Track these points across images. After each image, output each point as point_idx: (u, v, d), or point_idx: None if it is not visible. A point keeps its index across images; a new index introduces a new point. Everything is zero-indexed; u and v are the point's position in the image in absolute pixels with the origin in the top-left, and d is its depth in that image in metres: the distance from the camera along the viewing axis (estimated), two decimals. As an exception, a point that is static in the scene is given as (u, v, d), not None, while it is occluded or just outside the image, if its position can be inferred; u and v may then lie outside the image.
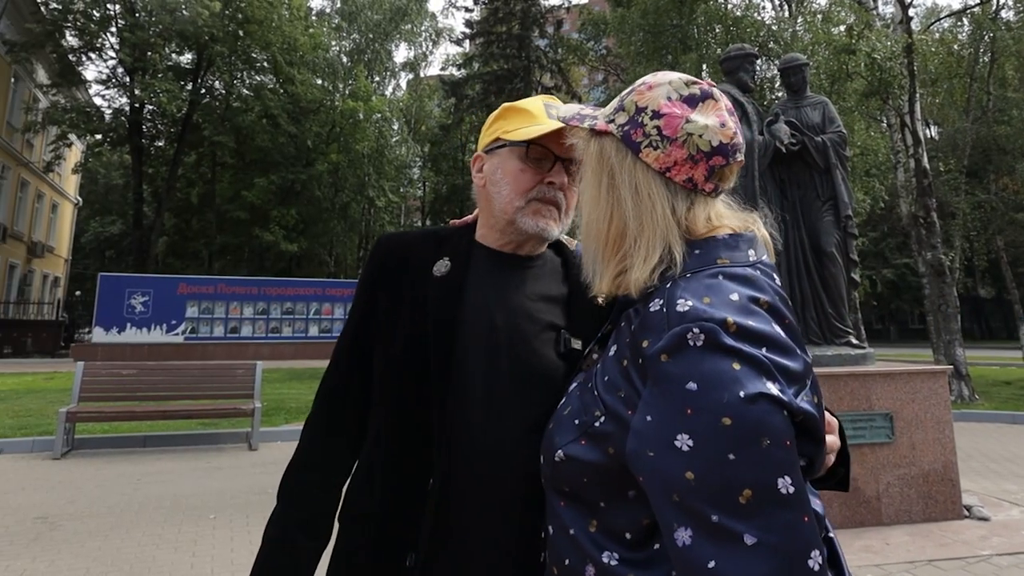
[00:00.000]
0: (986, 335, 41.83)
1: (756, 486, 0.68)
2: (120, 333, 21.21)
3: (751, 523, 0.67)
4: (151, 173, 27.30)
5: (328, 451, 1.21)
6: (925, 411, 4.96)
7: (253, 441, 7.91)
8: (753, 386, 0.70)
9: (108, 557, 4.20)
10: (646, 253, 0.86)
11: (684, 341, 0.74)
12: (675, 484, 0.71)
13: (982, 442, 8.33)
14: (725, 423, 0.69)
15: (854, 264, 5.65)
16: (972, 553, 4.25)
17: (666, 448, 0.72)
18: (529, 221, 1.16)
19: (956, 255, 12.98)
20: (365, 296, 1.24)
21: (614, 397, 0.82)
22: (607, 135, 0.93)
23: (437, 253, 1.22)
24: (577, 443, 0.85)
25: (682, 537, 0.70)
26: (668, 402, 0.73)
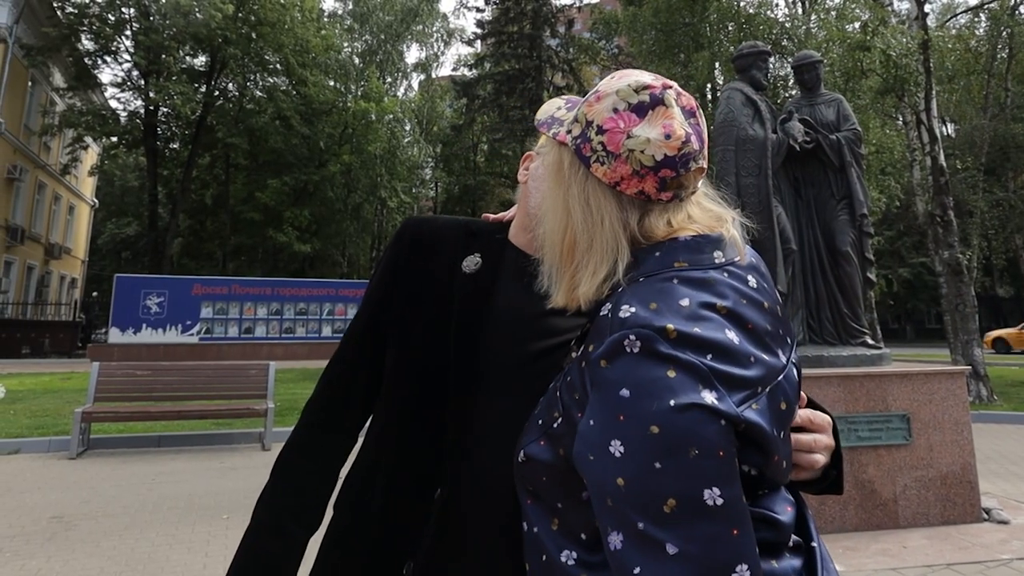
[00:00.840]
0: (1005, 335, 41.27)
1: (681, 496, 0.68)
2: (136, 334, 21.40)
3: (673, 533, 0.67)
4: (166, 175, 27.58)
5: (327, 440, 1.16)
6: (943, 412, 4.89)
7: (266, 441, 7.95)
8: (686, 395, 0.69)
9: (122, 557, 4.23)
10: (594, 267, 0.85)
11: (621, 347, 0.73)
12: (608, 489, 0.71)
13: (1001, 444, 8.22)
14: (653, 431, 0.68)
15: (870, 263, 5.59)
16: (991, 557, 4.18)
17: (602, 453, 0.71)
18: None
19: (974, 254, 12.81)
20: (386, 280, 1.17)
21: (571, 398, 0.81)
22: (564, 146, 0.93)
23: (468, 247, 1.17)
24: (537, 443, 0.85)
25: (614, 541, 0.70)
26: (604, 407, 0.73)
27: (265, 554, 1.10)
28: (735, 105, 5.39)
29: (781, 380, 0.79)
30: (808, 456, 0.90)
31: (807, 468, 0.90)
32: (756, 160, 5.30)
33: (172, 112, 25.43)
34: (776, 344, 0.81)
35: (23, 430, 8.09)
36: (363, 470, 1.12)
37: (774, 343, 0.80)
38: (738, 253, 0.87)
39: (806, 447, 0.91)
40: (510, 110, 27.28)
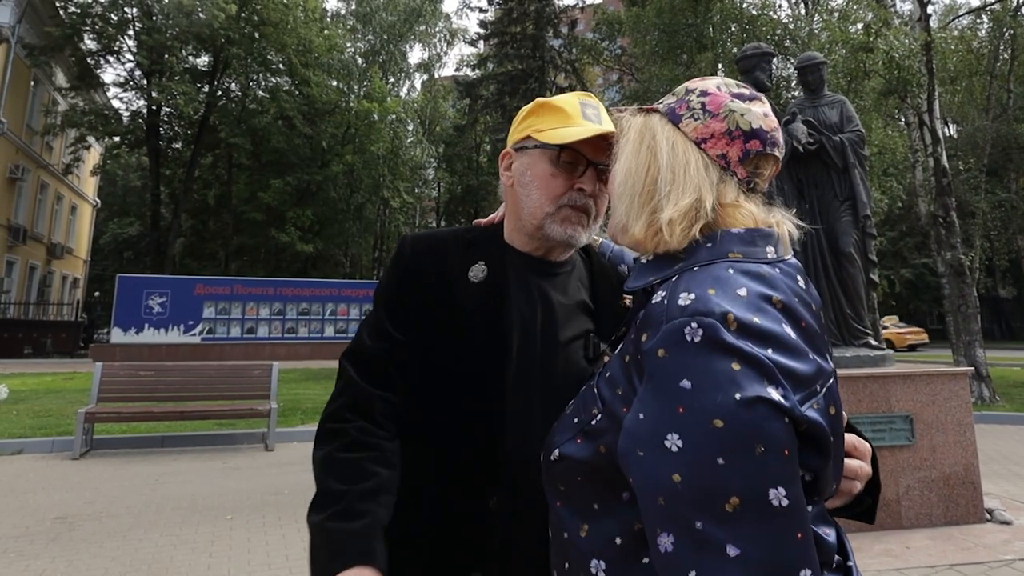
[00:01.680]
0: (1007, 336, 41.20)
1: (745, 494, 0.64)
2: (138, 334, 21.44)
3: (735, 533, 0.64)
4: (168, 175, 27.61)
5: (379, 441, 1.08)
6: (946, 413, 4.89)
7: (269, 441, 7.96)
8: (752, 389, 0.66)
9: (126, 557, 4.23)
10: (677, 197, 0.84)
11: (681, 336, 0.70)
12: (661, 486, 0.67)
13: (1003, 444, 8.21)
14: (717, 425, 0.65)
15: (873, 264, 5.59)
16: (995, 558, 4.18)
17: (656, 448, 0.68)
18: (557, 228, 1.12)
19: (976, 255, 12.80)
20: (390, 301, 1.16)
21: (612, 394, 0.79)
22: (652, 112, 0.93)
23: (469, 257, 1.17)
24: (573, 441, 0.82)
25: (664, 543, 0.67)
26: (661, 399, 0.70)
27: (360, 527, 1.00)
28: (739, 106, 5.39)
29: (832, 383, 0.76)
30: (849, 482, 0.87)
31: (844, 494, 0.88)
32: (760, 161, 5.30)
33: (175, 112, 25.49)
34: (824, 347, 0.79)
35: (26, 430, 8.10)
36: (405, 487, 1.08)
37: (823, 346, 0.78)
38: (788, 251, 0.86)
39: (851, 473, 0.88)
40: (513, 110, 27.17)
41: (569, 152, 1.11)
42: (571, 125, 1.11)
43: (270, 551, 4.39)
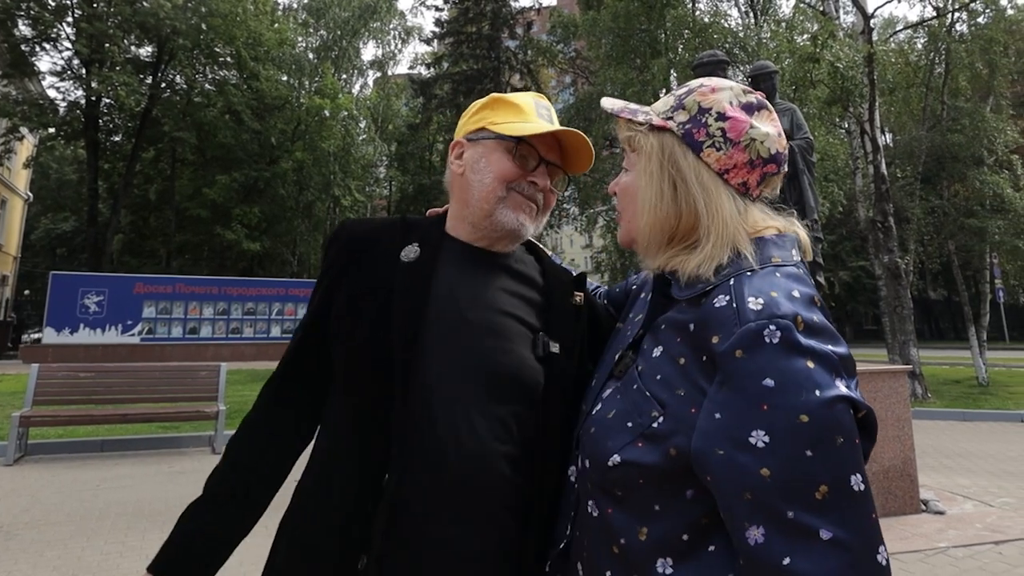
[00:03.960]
0: (936, 335, 43.37)
1: (832, 483, 0.69)
2: (73, 334, 20.61)
3: (827, 518, 0.68)
4: (107, 169, 26.56)
5: (278, 415, 1.17)
6: (886, 409, 5.10)
7: (216, 444, 7.74)
8: (828, 386, 0.72)
9: (69, 567, 4.07)
10: (714, 247, 0.86)
11: (760, 337, 0.74)
12: (748, 481, 0.71)
13: (935, 439, 8.60)
14: (803, 420, 0.70)
15: (819, 267, 5.79)
16: (930, 546, 4.40)
17: (738, 445, 0.72)
18: (509, 214, 1.13)
19: (910, 259, 13.39)
20: (326, 280, 1.17)
21: (672, 396, 0.81)
22: (666, 131, 0.93)
23: (405, 238, 1.16)
24: (633, 446, 0.82)
25: (754, 536, 0.70)
26: (742, 399, 0.73)
27: (193, 531, 1.09)
28: (694, 111, 5.52)
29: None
30: None
31: None
32: (714, 167, 5.44)
33: (115, 104, 24.50)
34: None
35: (-46, 435, 7.70)
36: (320, 465, 1.11)
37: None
38: (809, 254, 0.91)
39: None
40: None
41: (525, 146, 1.13)
42: (526, 121, 1.14)
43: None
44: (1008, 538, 4.59)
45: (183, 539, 1.09)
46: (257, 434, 1.17)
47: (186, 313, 22.35)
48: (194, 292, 22.70)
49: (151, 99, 25.04)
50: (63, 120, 24.45)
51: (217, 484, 1.13)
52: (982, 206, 13.24)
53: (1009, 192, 12.86)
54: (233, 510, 1.12)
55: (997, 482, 6.26)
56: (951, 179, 13.81)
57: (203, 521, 1.10)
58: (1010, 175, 13.48)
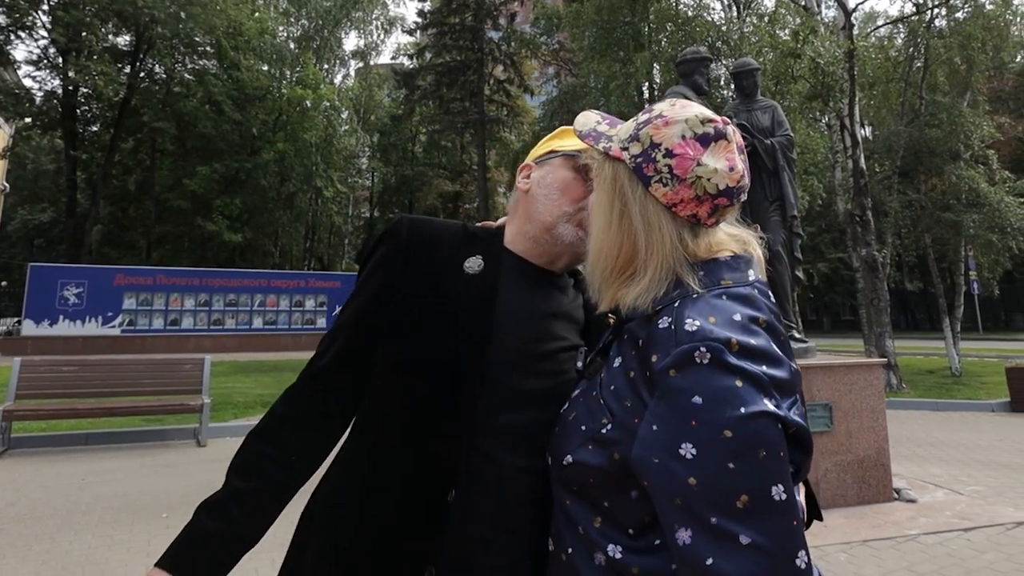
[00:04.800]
0: (911, 326, 44.18)
1: (752, 493, 0.75)
2: (52, 326, 20.42)
3: (747, 525, 0.74)
4: (85, 159, 26.15)
5: (299, 435, 1.10)
6: (861, 401, 5.23)
7: (201, 437, 7.75)
8: (753, 403, 0.77)
9: (57, 560, 4.07)
10: (651, 280, 0.91)
11: (691, 358, 0.79)
12: (678, 488, 0.77)
13: (909, 428, 8.79)
14: (727, 435, 0.76)
15: (798, 262, 5.88)
16: (901, 533, 4.54)
17: (670, 456, 0.78)
18: (571, 230, 1.14)
19: (888, 251, 13.61)
20: (381, 275, 1.13)
21: (621, 406, 0.87)
22: (620, 162, 0.97)
23: (468, 249, 1.16)
24: (584, 448, 0.89)
25: (683, 537, 0.77)
26: (674, 414, 0.79)
27: (204, 530, 1.04)
28: (677, 109, 5.58)
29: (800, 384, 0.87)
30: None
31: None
32: (696, 163, 5.51)
33: (93, 93, 24.12)
34: (791, 352, 0.89)
35: (-65, 430, 7.62)
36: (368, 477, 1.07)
37: (791, 351, 0.89)
38: (763, 272, 0.97)
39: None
40: (450, 102, 27.12)
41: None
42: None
43: (211, 549, 4.30)
44: (976, 525, 4.74)
45: (199, 535, 1.04)
46: (289, 429, 1.11)
47: (167, 304, 22.19)
48: (175, 283, 22.54)
49: (130, 88, 24.69)
50: (40, 110, 24.04)
51: (242, 480, 1.07)
52: (958, 200, 13.44)
53: (984, 187, 13.09)
54: (256, 508, 1.07)
55: (967, 471, 6.44)
56: (928, 173, 14.01)
57: (224, 516, 1.05)
58: (985, 170, 13.72)
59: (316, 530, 1.10)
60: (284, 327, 24.16)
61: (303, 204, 31.52)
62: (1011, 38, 16.22)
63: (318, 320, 24.87)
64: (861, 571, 3.91)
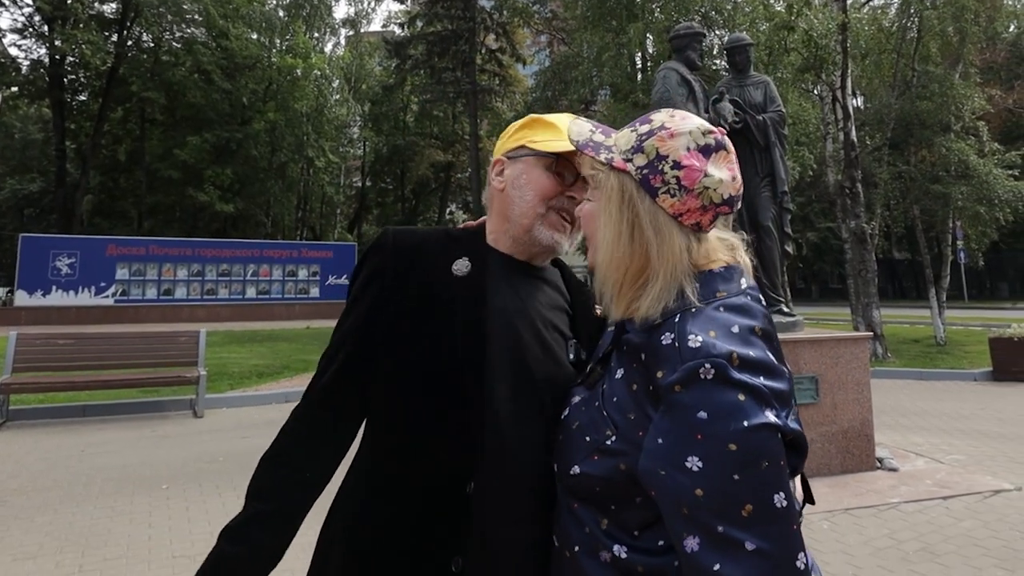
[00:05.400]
0: (898, 294, 44.68)
1: (756, 502, 0.80)
2: (45, 296, 20.43)
3: (751, 532, 0.79)
4: (74, 129, 25.90)
5: (310, 454, 1.14)
6: (847, 374, 5.34)
7: (198, 408, 7.85)
8: (756, 416, 0.81)
9: (61, 532, 4.13)
10: (661, 289, 0.94)
11: (696, 375, 0.83)
12: (685, 499, 0.82)
13: (893, 398, 8.92)
14: (732, 448, 0.80)
15: (788, 237, 5.93)
16: (883, 501, 4.68)
17: (677, 468, 0.82)
18: (545, 232, 1.18)
19: (876, 223, 13.70)
20: (372, 293, 1.16)
21: (624, 419, 0.91)
22: (625, 173, 0.99)
23: (452, 252, 1.20)
24: (590, 459, 0.93)
25: (690, 544, 0.81)
26: (680, 428, 0.83)
27: (229, 555, 1.07)
28: (671, 85, 5.57)
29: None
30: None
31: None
32: (688, 140, 5.52)
33: (80, 62, 23.75)
34: (783, 357, 0.93)
35: (-68, 403, 7.68)
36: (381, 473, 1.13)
37: (783, 356, 0.93)
38: (751, 277, 1.00)
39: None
40: (442, 71, 26.79)
41: (562, 162, 1.18)
42: (562, 139, 1.16)
43: (211, 520, 4.38)
44: (955, 493, 4.88)
45: (225, 561, 1.07)
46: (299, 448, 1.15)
47: (160, 275, 22.21)
48: (167, 253, 22.53)
49: (117, 58, 24.33)
50: (26, 79, 23.74)
51: (260, 502, 1.11)
52: (947, 172, 13.49)
53: (974, 159, 13.12)
54: (275, 528, 1.10)
55: (948, 440, 6.59)
56: (918, 145, 14.01)
57: (247, 539, 1.08)
58: (975, 142, 13.75)
59: (339, 541, 1.13)
60: (277, 296, 24.24)
61: (294, 174, 31.32)
62: (1004, 8, 16.12)
63: (311, 289, 24.93)
64: (843, 539, 4.03)
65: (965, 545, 3.96)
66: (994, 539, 4.05)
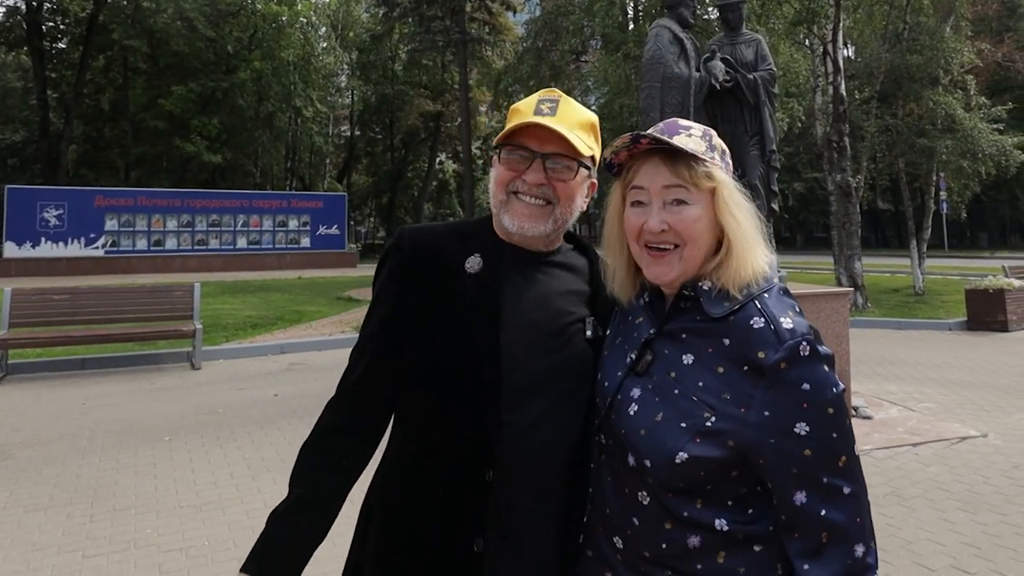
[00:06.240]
0: (881, 243, 45.45)
1: (848, 453, 0.97)
2: (35, 248, 20.39)
3: (846, 478, 0.96)
4: (55, 78, 25.34)
5: (345, 443, 1.22)
6: (827, 327, 5.46)
7: (196, 360, 7.99)
8: (836, 382, 0.97)
9: (69, 483, 4.25)
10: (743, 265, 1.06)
11: (797, 353, 0.96)
12: (795, 460, 0.95)
13: (871, 347, 9.14)
14: (830, 412, 0.96)
15: (774, 195, 5.99)
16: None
17: (786, 435, 0.96)
18: (508, 219, 1.21)
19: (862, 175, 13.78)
20: (393, 289, 1.23)
21: (719, 400, 0.99)
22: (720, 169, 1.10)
23: (465, 249, 1.24)
24: (693, 443, 0.99)
25: (799, 498, 0.96)
26: (787, 400, 0.96)
27: (275, 541, 1.15)
28: (663, 43, 5.54)
29: None
30: None
31: None
32: (680, 97, 5.54)
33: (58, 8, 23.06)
34: None
35: (-70, 358, 7.75)
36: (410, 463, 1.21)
37: None
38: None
39: None
40: (431, 20, 26.18)
41: (510, 147, 1.20)
42: (521, 118, 1.19)
43: (214, 470, 4.53)
44: (924, 440, 5.14)
45: (272, 543, 1.15)
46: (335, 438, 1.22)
47: (150, 226, 22.15)
48: (156, 204, 22.43)
49: (97, 4, 23.66)
50: (3, 26, 23.03)
51: (302, 488, 1.19)
52: (933, 125, 13.52)
53: (960, 112, 13.17)
54: (317, 512, 1.19)
55: (921, 388, 6.84)
56: (906, 98, 13.97)
57: (292, 523, 1.17)
58: (963, 95, 13.75)
59: (374, 522, 1.22)
60: (268, 247, 24.25)
61: (282, 124, 30.87)
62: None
63: (302, 239, 24.92)
64: (813, 484, 4.27)
65: (931, 489, 4.19)
66: (958, 483, 4.28)
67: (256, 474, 4.49)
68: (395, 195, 39.85)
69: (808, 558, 0.95)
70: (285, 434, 5.34)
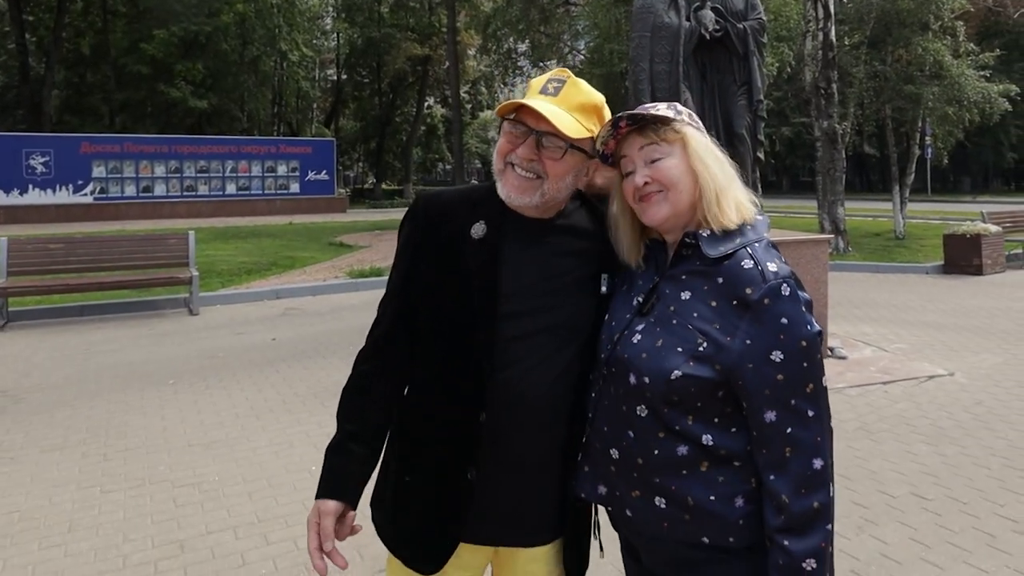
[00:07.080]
0: (866, 187, 45.74)
1: (816, 381, 1.11)
2: (23, 195, 20.27)
3: (812, 403, 1.10)
4: (33, 21, 24.59)
5: (379, 384, 1.39)
6: (807, 272, 5.65)
7: (193, 306, 8.16)
8: (812, 322, 1.11)
9: (81, 425, 4.44)
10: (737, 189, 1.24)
11: (779, 291, 1.11)
12: (769, 383, 1.10)
13: (848, 290, 9.40)
14: (803, 344, 1.09)
15: (760, 145, 6.07)
16: (830, 387, 5.10)
17: (763, 361, 1.10)
18: (502, 188, 1.32)
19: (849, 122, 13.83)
20: (409, 253, 1.39)
21: (710, 328, 1.14)
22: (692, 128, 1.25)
23: (473, 215, 1.35)
24: (687, 364, 1.13)
25: (769, 416, 1.10)
26: (767, 330, 1.10)
27: (336, 467, 1.35)
28: (654, -9, 5.56)
29: None
30: None
31: None
32: (669, 47, 5.58)
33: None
34: None
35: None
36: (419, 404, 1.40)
37: None
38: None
39: None
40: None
41: (510, 121, 1.30)
42: (527, 98, 1.28)
43: (219, 411, 4.74)
44: (894, 379, 5.42)
45: (335, 469, 1.35)
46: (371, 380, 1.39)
47: (137, 172, 21.99)
48: (143, 151, 22.23)
49: (70, -60, 22.79)
50: (-25, -35, 22.24)
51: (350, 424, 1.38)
52: (921, 72, 13.50)
53: (948, 59, 13.18)
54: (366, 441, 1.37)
55: (895, 330, 7.11)
56: (896, 44, 13.88)
57: (348, 451, 1.35)
58: (952, 42, 13.71)
59: (391, 451, 1.43)
60: (258, 192, 24.14)
61: (268, 68, 30.26)
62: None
63: (291, 185, 24.82)
64: (786, 419, 4.53)
65: (897, 424, 4.48)
66: (923, 419, 4.56)
67: (260, 414, 4.71)
68: (383, 140, 39.29)
69: (774, 469, 1.10)
70: (285, 376, 5.54)
